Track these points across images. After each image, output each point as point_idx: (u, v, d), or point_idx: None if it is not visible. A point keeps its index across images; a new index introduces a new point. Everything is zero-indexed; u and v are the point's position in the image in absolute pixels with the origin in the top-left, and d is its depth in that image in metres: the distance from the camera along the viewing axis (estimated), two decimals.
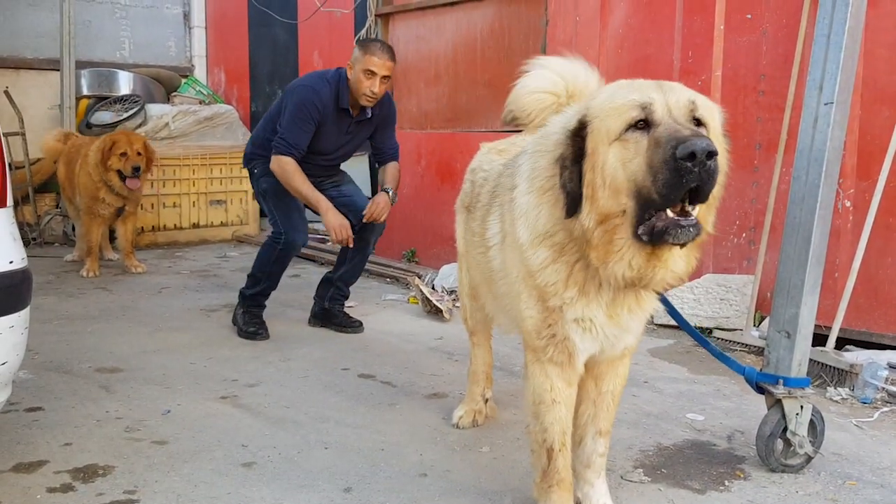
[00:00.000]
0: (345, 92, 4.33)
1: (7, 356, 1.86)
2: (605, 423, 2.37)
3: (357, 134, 4.55)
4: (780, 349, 2.72)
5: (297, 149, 4.27)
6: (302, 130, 4.28)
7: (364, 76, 4.22)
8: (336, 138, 4.47)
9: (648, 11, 4.96)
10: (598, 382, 2.35)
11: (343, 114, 4.39)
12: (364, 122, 4.50)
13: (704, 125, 1.87)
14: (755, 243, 4.52)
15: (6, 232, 1.90)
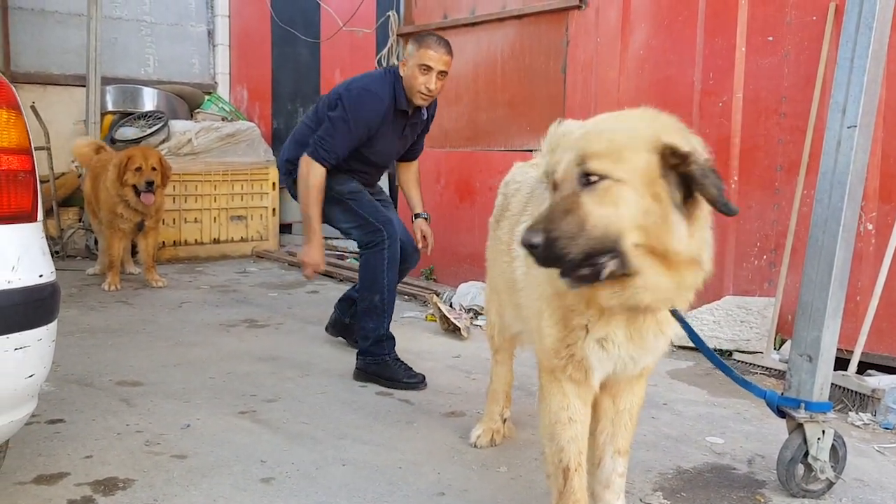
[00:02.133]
0: (401, 92, 3.99)
1: (35, 368, 1.89)
2: (624, 443, 2.34)
3: (409, 137, 4.29)
4: (801, 373, 2.70)
5: (335, 157, 3.93)
6: (349, 138, 3.94)
7: (420, 72, 3.88)
8: (391, 143, 4.17)
9: (669, 33, 4.98)
10: (616, 401, 2.31)
11: (400, 116, 4.08)
12: (418, 123, 4.25)
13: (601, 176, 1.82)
14: (776, 265, 4.50)
15: (36, 246, 1.93)
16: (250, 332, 4.96)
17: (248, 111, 9.39)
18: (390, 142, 4.16)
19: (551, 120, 6.23)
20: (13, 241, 1.86)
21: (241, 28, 9.50)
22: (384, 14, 7.00)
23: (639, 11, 5.15)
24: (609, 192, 1.81)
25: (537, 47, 5.82)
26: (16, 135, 1.86)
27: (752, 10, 4.59)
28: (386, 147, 4.17)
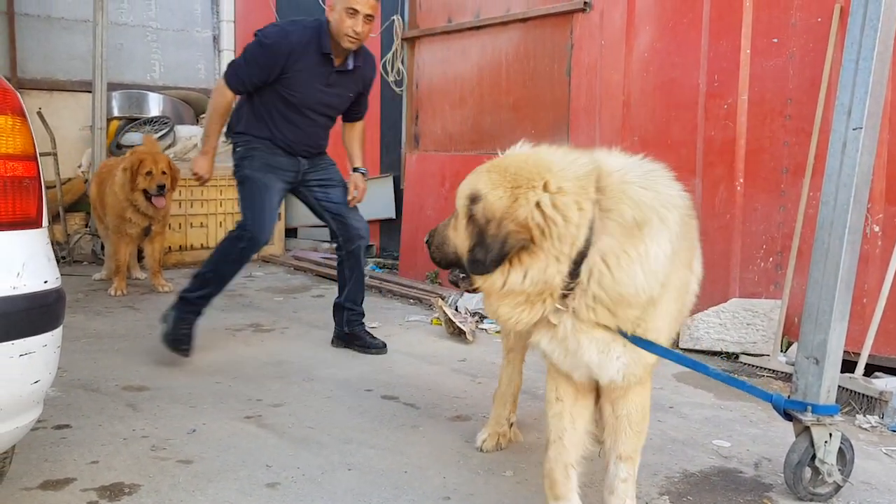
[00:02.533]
0: (325, 36, 4.13)
1: (40, 374, 1.89)
2: (625, 448, 2.34)
3: (340, 87, 4.34)
4: (808, 376, 2.69)
5: (242, 84, 4.16)
6: (258, 66, 4.12)
7: (346, 15, 4.04)
8: (315, 89, 4.24)
9: (674, 35, 4.97)
10: (614, 407, 2.34)
11: (324, 60, 4.18)
12: (347, 74, 4.30)
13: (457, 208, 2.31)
14: (782, 268, 4.48)
15: (41, 252, 1.94)
16: (256, 337, 4.96)
17: None
18: (314, 87, 4.23)
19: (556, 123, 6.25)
20: (18, 248, 1.86)
21: (247, 33, 9.50)
22: (389, 18, 7.01)
23: (643, 14, 5.15)
24: (456, 221, 2.27)
25: (542, 50, 5.83)
26: (21, 141, 1.87)
27: (757, 12, 4.58)
28: (309, 92, 4.23)
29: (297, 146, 4.36)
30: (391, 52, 6.93)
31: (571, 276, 2.10)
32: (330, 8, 4.14)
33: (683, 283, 2.25)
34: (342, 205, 4.49)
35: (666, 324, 2.22)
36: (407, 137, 6.98)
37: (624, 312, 2.12)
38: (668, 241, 2.10)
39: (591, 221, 2.08)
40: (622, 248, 2.07)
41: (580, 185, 2.10)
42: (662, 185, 2.20)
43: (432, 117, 6.77)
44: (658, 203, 2.12)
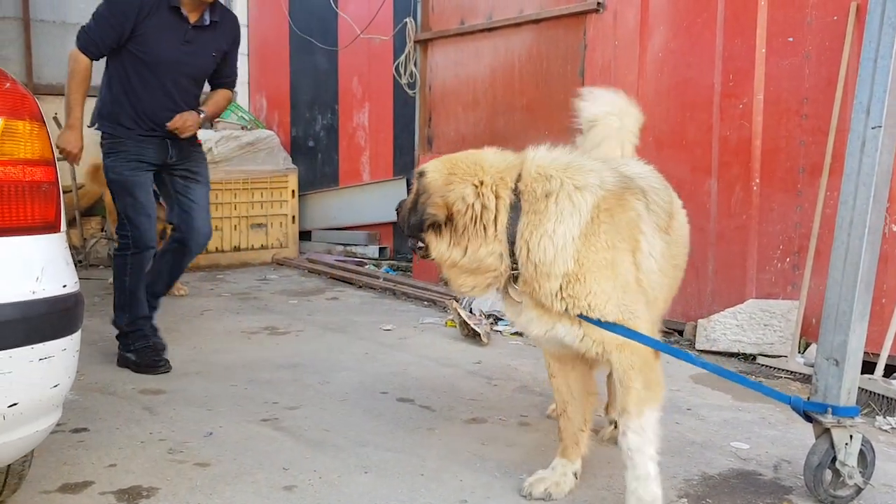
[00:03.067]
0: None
1: (59, 378, 1.90)
2: (622, 403, 2.52)
3: (198, 46, 4.19)
4: (828, 377, 2.66)
5: (96, 47, 4.03)
6: (108, 26, 3.98)
7: None
8: (169, 47, 4.09)
9: (688, 35, 4.94)
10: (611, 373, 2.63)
11: (175, 15, 4.06)
12: (205, 30, 4.18)
13: None
14: (799, 268, 4.45)
15: (60, 256, 1.95)
16: (271, 340, 4.98)
17: (268, 119, 9.45)
18: (171, 45, 4.09)
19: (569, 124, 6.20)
20: (37, 252, 1.88)
21: (260, 37, 9.56)
22: (401, 21, 7.02)
23: (657, 14, 5.12)
24: None
25: (555, 51, 5.81)
26: (39, 146, 1.88)
27: (772, 11, 4.55)
28: (165, 50, 4.08)
29: (161, 117, 4.12)
30: (404, 55, 6.94)
31: (513, 259, 2.48)
32: None
33: (613, 264, 2.45)
34: (197, 205, 4.35)
35: (604, 302, 2.44)
36: (420, 140, 6.98)
37: (547, 285, 2.45)
38: (577, 224, 2.42)
39: (511, 206, 2.47)
40: (534, 225, 2.44)
41: (500, 178, 2.49)
42: (577, 170, 2.51)
43: (445, 119, 6.76)
44: (569, 182, 2.46)
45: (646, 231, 2.55)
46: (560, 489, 2.72)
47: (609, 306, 2.44)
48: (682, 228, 2.89)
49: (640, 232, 2.53)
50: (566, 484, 2.73)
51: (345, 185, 8.51)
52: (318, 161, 8.86)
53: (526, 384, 4.03)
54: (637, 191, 2.58)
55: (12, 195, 1.81)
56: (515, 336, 5.07)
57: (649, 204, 2.60)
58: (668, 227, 2.69)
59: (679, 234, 2.83)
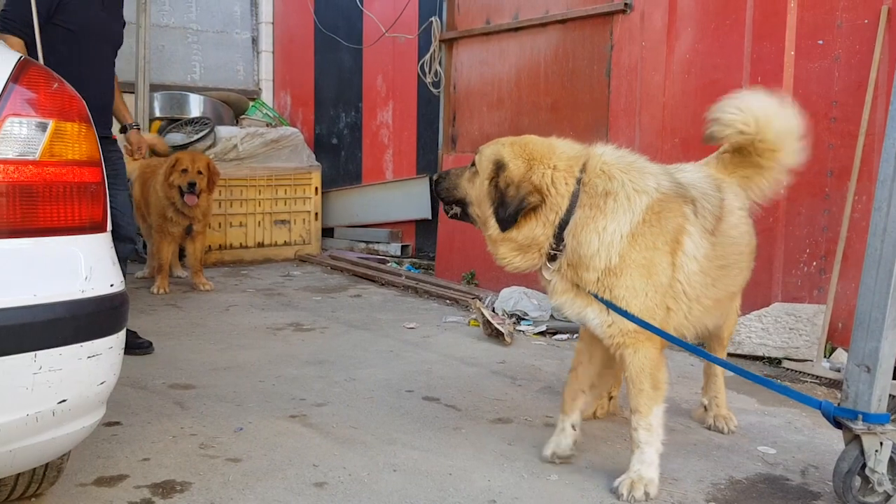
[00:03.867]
0: None
1: (105, 376, 1.95)
2: (632, 402, 2.77)
3: (112, 12, 4.14)
4: (859, 384, 2.66)
5: (20, 22, 3.70)
6: None
7: None
8: (96, 13, 4.00)
9: (716, 36, 4.93)
10: (620, 368, 2.86)
11: None
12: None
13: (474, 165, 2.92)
14: (826, 272, 4.43)
15: (107, 256, 1.99)
16: (297, 336, 5.02)
17: (292, 117, 9.51)
18: (93, 13, 3.98)
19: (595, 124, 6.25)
20: (86, 252, 1.92)
21: (285, 35, 9.62)
22: (427, 20, 7.04)
23: (685, 15, 5.11)
24: (474, 177, 2.85)
25: (581, 52, 5.81)
26: (87, 147, 1.92)
27: (801, 13, 4.53)
28: (90, 15, 3.96)
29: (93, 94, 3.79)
30: (429, 54, 6.96)
31: (557, 240, 2.69)
32: None
33: (651, 264, 2.64)
34: (119, 212, 3.97)
35: (634, 297, 2.64)
36: (444, 138, 7.00)
37: (586, 275, 2.66)
38: (628, 222, 2.62)
39: (573, 195, 2.66)
40: (588, 218, 2.64)
41: (569, 165, 2.70)
42: (638, 172, 2.71)
43: (469, 118, 6.78)
44: (629, 184, 2.65)
45: (692, 232, 2.75)
46: (562, 445, 3.00)
47: (635, 301, 2.65)
48: (732, 229, 2.94)
49: (686, 233, 2.73)
50: (566, 438, 3.00)
51: (368, 183, 8.55)
52: (342, 158, 8.91)
53: (550, 385, 4.04)
54: (688, 197, 2.78)
55: (62, 196, 1.86)
56: (538, 336, 5.09)
57: (697, 209, 2.80)
58: (714, 229, 2.83)
59: (728, 235, 2.91)
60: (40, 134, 1.84)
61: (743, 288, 3.24)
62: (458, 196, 2.92)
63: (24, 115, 1.82)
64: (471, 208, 2.89)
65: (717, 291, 2.89)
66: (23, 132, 1.81)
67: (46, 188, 1.83)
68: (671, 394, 3.82)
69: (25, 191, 1.81)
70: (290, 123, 9.23)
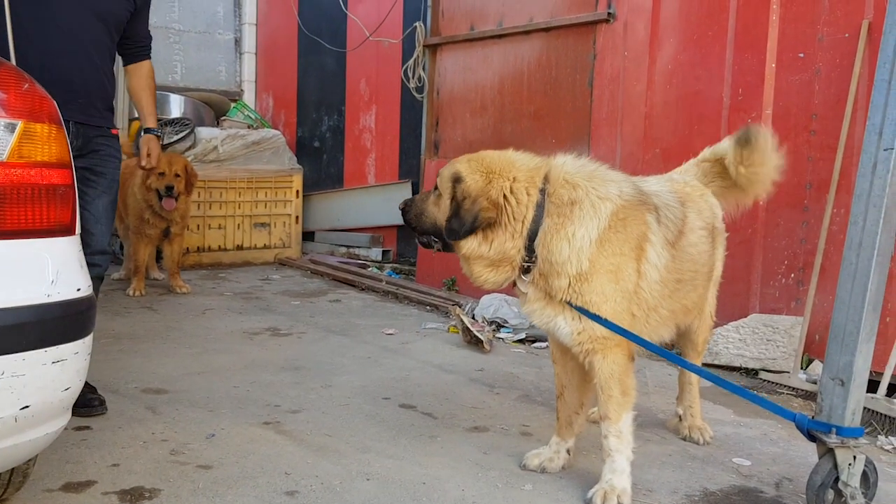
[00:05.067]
0: None
1: (71, 381, 1.90)
2: (602, 409, 2.77)
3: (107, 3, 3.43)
4: (833, 397, 2.66)
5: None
6: None
7: None
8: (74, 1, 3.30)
9: (698, 48, 4.95)
10: (589, 375, 2.83)
11: None
12: None
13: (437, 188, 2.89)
14: (804, 284, 4.45)
15: (75, 259, 1.95)
16: (273, 341, 4.98)
17: (274, 119, 9.46)
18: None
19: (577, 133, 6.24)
20: (53, 255, 1.88)
21: (268, 36, 9.57)
22: (411, 25, 7.04)
23: (667, 26, 5.13)
24: (438, 199, 2.82)
25: (564, 60, 5.82)
26: (57, 149, 1.88)
27: (783, 26, 4.56)
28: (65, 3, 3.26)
29: (66, 70, 3.26)
30: (413, 59, 6.95)
31: (528, 253, 2.69)
32: None
33: (618, 269, 2.68)
34: (93, 217, 3.41)
35: (604, 302, 2.67)
36: (426, 144, 6.99)
37: (557, 282, 2.68)
38: (596, 228, 2.65)
39: (538, 205, 2.67)
40: (557, 226, 2.66)
41: (530, 176, 2.71)
42: (601, 181, 2.74)
43: (452, 124, 6.77)
44: (593, 192, 2.69)
45: (654, 241, 2.78)
46: (553, 464, 3.01)
47: (605, 306, 2.68)
48: (691, 247, 2.97)
49: (648, 242, 2.76)
50: (559, 459, 3.01)
51: (349, 187, 8.52)
52: (324, 162, 8.87)
53: (528, 393, 4.03)
54: (651, 205, 2.80)
55: (30, 198, 1.81)
56: (518, 344, 5.08)
57: (660, 218, 2.82)
58: (675, 241, 2.87)
59: (687, 252, 2.95)
60: (8, 135, 1.80)
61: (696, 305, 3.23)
62: (428, 223, 2.87)
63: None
64: (443, 234, 2.85)
65: (672, 303, 2.93)
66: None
67: (13, 190, 1.79)
68: (648, 403, 3.85)
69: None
70: (272, 126, 9.18)
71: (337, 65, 8.54)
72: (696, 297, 3.14)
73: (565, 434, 3.03)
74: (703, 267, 3.09)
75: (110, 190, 3.53)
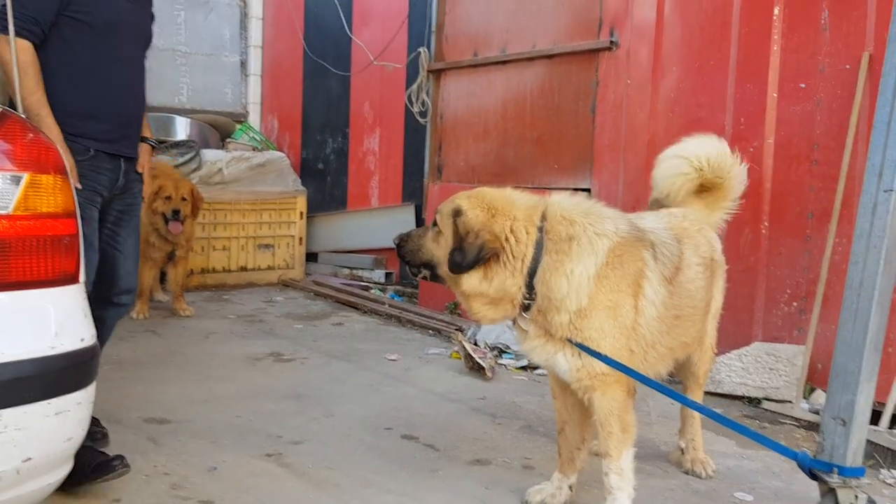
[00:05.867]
0: None
1: (73, 432, 1.91)
2: (602, 446, 2.80)
3: (139, 2, 3.38)
4: (834, 437, 2.66)
5: (36, 22, 3.00)
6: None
7: None
8: (120, 4, 3.26)
9: (700, 76, 4.98)
10: (589, 411, 2.84)
11: None
12: None
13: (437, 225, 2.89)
14: (806, 313, 4.45)
15: (79, 309, 1.96)
16: (276, 367, 4.98)
17: (279, 140, 9.50)
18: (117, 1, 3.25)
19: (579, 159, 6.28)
20: (56, 306, 1.89)
21: (274, 59, 9.63)
22: (415, 50, 7.08)
23: (670, 54, 5.16)
24: (437, 235, 2.85)
25: (567, 87, 5.85)
26: (62, 199, 1.90)
27: (785, 56, 4.58)
28: (113, 8, 3.22)
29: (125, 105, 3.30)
30: (416, 84, 6.99)
31: (528, 290, 2.71)
32: None
33: (616, 306, 2.71)
34: (123, 256, 3.39)
35: (603, 339, 2.69)
36: (430, 168, 7.02)
37: (557, 318, 2.69)
38: (594, 264, 2.68)
39: (537, 243, 2.70)
40: (556, 263, 2.68)
41: (528, 215, 2.75)
42: (597, 217, 2.78)
43: (455, 149, 6.80)
44: (590, 228, 2.72)
45: (651, 278, 2.81)
46: (556, 500, 3.02)
47: (604, 342, 2.70)
48: (689, 283, 2.99)
49: (645, 278, 2.79)
50: (561, 496, 3.02)
51: (353, 209, 8.54)
52: (328, 184, 8.90)
53: (530, 423, 4.03)
54: (647, 242, 2.83)
55: (35, 249, 1.83)
56: (520, 371, 5.08)
57: (657, 255, 2.84)
58: (672, 278, 2.90)
59: (684, 287, 2.97)
60: (14, 187, 1.82)
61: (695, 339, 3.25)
62: (425, 259, 2.90)
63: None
64: (440, 269, 2.86)
65: (671, 340, 2.94)
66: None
67: (19, 241, 1.81)
68: (650, 435, 3.84)
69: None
70: (276, 147, 9.22)
71: (341, 88, 8.59)
72: (695, 332, 3.16)
73: (567, 470, 3.04)
74: (701, 302, 3.10)
75: (138, 228, 3.54)
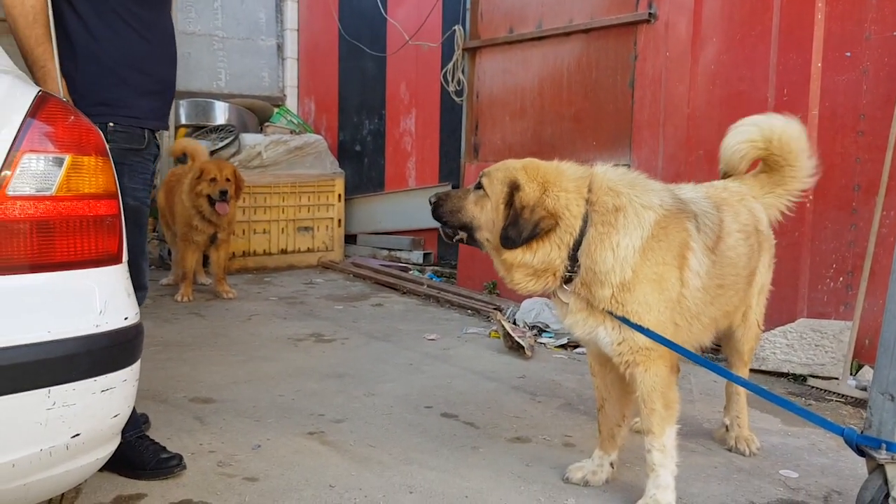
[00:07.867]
0: None
1: (119, 408, 1.96)
2: (644, 423, 2.78)
3: None
4: (882, 412, 2.60)
5: None
6: None
7: None
8: None
9: (742, 48, 4.87)
10: (631, 388, 2.82)
11: None
12: None
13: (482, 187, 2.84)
14: (853, 288, 4.35)
15: (122, 288, 2.01)
16: (317, 347, 5.04)
17: (316, 123, 9.55)
18: None
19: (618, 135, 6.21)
20: (100, 285, 1.93)
21: (310, 42, 9.67)
22: (450, 28, 7.04)
23: (710, 26, 5.05)
24: (482, 199, 2.80)
25: (604, 61, 5.76)
26: (103, 180, 1.94)
27: (829, 24, 4.46)
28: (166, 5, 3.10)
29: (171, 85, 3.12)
30: (452, 62, 6.95)
31: (572, 262, 2.69)
32: None
33: (661, 279, 2.68)
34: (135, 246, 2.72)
35: (647, 312, 2.66)
36: (466, 147, 6.99)
37: (600, 292, 2.67)
38: (640, 237, 2.65)
39: (585, 215, 2.67)
40: (602, 235, 2.66)
41: (577, 186, 2.71)
42: (642, 189, 2.75)
43: (492, 127, 6.76)
44: (636, 200, 2.69)
45: (695, 249, 2.78)
46: (596, 477, 3.00)
47: (649, 316, 2.67)
48: (730, 250, 2.96)
49: (690, 249, 2.76)
50: (602, 473, 3.01)
51: (391, 190, 8.56)
52: (365, 165, 8.93)
53: (570, 401, 4.02)
54: (690, 213, 2.81)
55: (77, 230, 1.87)
56: (560, 349, 5.06)
57: (700, 225, 2.82)
58: (714, 246, 2.87)
59: (726, 256, 2.95)
60: (57, 168, 1.86)
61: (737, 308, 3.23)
62: (464, 220, 2.85)
63: (41, 150, 1.83)
64: (479, 233, 2.83)
65: (714, 310, 2.92)
66: (40, 168, 1.83)
67: (63, 223, 1.85)
68: (693, 412, 3.81)
69: (42, 226, 1.83)
70: (314, 130, 9.28)
71: (377, 69, 8.59)
72: (737, 301, 3.13)
73: (608, 447, 3.02)
74: (744, 270, 3.06)
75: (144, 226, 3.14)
